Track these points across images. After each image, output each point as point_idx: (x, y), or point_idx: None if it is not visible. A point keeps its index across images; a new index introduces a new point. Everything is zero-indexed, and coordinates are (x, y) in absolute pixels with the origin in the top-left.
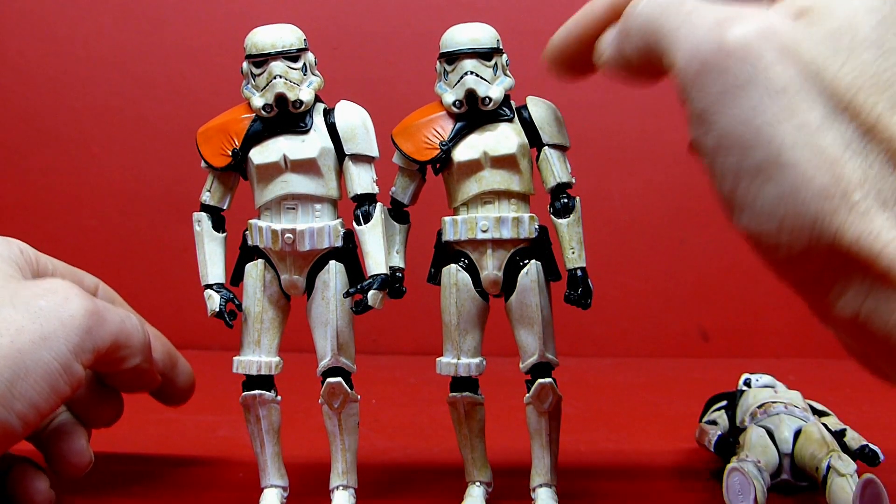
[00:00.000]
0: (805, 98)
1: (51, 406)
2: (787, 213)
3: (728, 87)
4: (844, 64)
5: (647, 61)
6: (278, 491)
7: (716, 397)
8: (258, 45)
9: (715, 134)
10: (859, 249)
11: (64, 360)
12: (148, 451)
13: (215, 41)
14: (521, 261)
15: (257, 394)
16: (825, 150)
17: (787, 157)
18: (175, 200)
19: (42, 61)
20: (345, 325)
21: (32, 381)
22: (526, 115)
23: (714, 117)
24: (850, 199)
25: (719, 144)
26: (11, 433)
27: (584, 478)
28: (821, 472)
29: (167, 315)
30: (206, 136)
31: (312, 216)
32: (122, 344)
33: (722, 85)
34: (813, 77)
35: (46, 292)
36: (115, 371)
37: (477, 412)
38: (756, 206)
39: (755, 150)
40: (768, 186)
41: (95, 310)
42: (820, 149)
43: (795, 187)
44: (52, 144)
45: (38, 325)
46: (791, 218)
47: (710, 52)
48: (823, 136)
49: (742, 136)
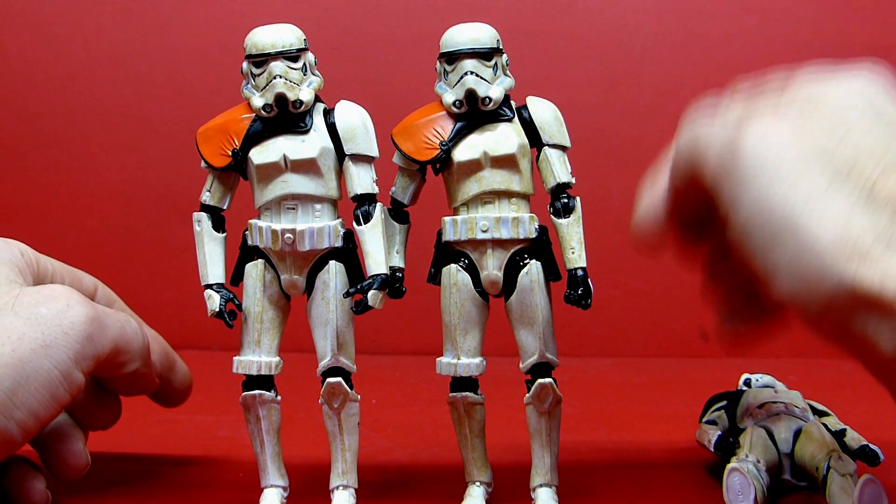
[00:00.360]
0: (810, 174)
1: (51, 414)
2: (806, 269)
3: (745, 175)
4: (841, 142)
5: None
6: (278, 491)
7: (716, 397)
8: (258, 45)
9: (740, 219)
10: (881, 290)
11: (64, 367)
12: (148, 451)
13: (215, 41)
14: (521, 261)
15: (257, 394)
16: (833, 210)
17: (799, 222)
18: (175, 200)
19: (42, 61)
20: (345, 325)
21: (33, 389)
22: (526, 115)
23: (737, 203)
24: (862, 245)
25: (745, 227)
26: (11, 441)
27: (584, 478)
28: (821, 472)
29: (167, 315)
30: (205, 136)
31: (312, 216)
32: (121, 349)
33: (740, 175)
34: (816, 156)
35: (48, 299)
36: (115, 376)
37: (477, 412)
38: (781, 271)
39: (772, 223)
40: (787, 250)
41: (96, 316)
42: (828, 210)
43: (809, 245)
44: (52, 144)
45: (39, 332)
46: (812, 273)
47: (728, 150)
48: (830, 199)
49: (760, 215)
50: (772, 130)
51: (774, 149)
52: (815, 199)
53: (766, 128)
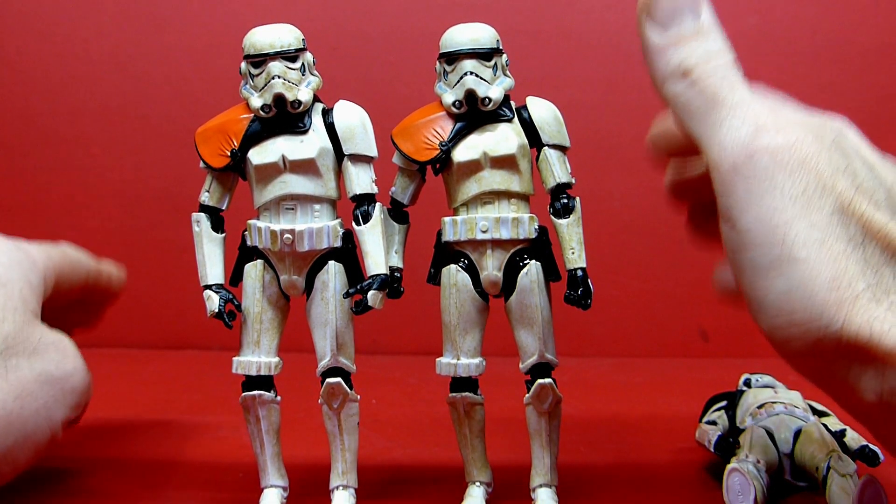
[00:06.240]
0: (817, 201)
1: (29, 464)
2: (796, 307)
3: (753, 189)
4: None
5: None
6: (278, 491)
7: (716, 397)
8: (256, 45)
9: (738, 230)
10: (869, 337)
11: (56, 428)
12: (148, 451)
13: (215, 41)
14: (521, 261)
15: (257, 394)
16: (832, 246)
17: (799, 253)
18: (175, 200)
19: (42, 61)
20: (344, 326)
21: (26, 447)
22: (526, 116)
23: (738, 214)
24: (855, 289)
25: (741, 240)
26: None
27: (584, 478)
28: (821, 472)
29: (167, 315)
30: (204, 136)
31: (311, 216)
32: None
33: (748, 187)
34: (823, 184)
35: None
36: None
37: (477, 412)
38: (767, 301)
39: (771, 246)
40: (779, 281)
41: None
42: (827, 245)
43: (804, 281)
44: (52, 144)
45: (44, 392)
46: (801, 311)
47: (741, 157)
48: (831, 232)
49: (760, 234)
50: (787, 149)
51: (787, 170)
52: (815, 237)
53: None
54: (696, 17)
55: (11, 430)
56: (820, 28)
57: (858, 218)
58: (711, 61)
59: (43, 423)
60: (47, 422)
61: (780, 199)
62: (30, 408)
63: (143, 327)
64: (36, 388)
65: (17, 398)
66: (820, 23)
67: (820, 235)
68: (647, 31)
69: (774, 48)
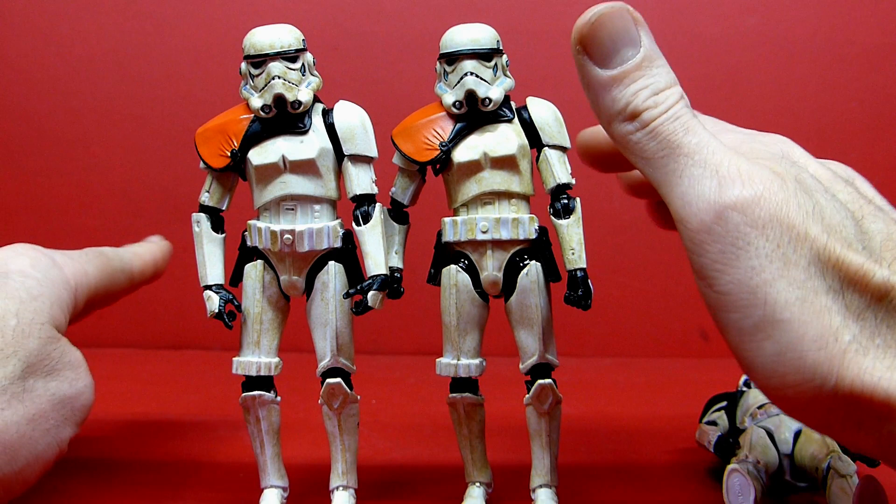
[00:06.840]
0: (793, 255)
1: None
2: (788, 369)
3: (727, 248)
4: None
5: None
6: (278, 491)
7: (716, 398)
8: (256, 45)
9: (717, 291)
10: (862, 389)
11: (63, 445)
12: (148, 451)
13: (215, 41)
14: (521, 262)
15: (257, 395)
16: (813, 302)
17: (783, 314)
18: (175, 201)
19: (42, 61)
20: (344, 326)
21: (37, 466)
22: (526, 116)
23: (715, 275)
24: (841, 343)
25: (720, 302)
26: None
27: (584, 478)
28: (821, 472)
29: (167, 315)
30: (204, 136)
31: (311, 217)
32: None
33: (722, 248)
34: (797, 234)
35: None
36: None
37: (477, 413)
38: (758, 363)
39: (754, 308)
40: (767, 344)
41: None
42: (809, 301)
43: (792, 343)
44: (52, 144)
45: (56, 412)
46: (793, 374)
47: (710, 216)
48: (810, 287)
49: (741, 296)
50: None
51: (759, 226)
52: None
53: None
54: (637, 46)
55: (24, 452)
56: (820, 28)
57: (834, 264)
58: (661, 102)
59: (53, 442)
60: (56, 440)
61: (756, 259)
62: (41, 428)
63: (143, 327)
64: (49, 409)
65: (31, 420)
66: (820, 23)
67: (800, 293)
68: (587, 68)
69: (774, 48)
